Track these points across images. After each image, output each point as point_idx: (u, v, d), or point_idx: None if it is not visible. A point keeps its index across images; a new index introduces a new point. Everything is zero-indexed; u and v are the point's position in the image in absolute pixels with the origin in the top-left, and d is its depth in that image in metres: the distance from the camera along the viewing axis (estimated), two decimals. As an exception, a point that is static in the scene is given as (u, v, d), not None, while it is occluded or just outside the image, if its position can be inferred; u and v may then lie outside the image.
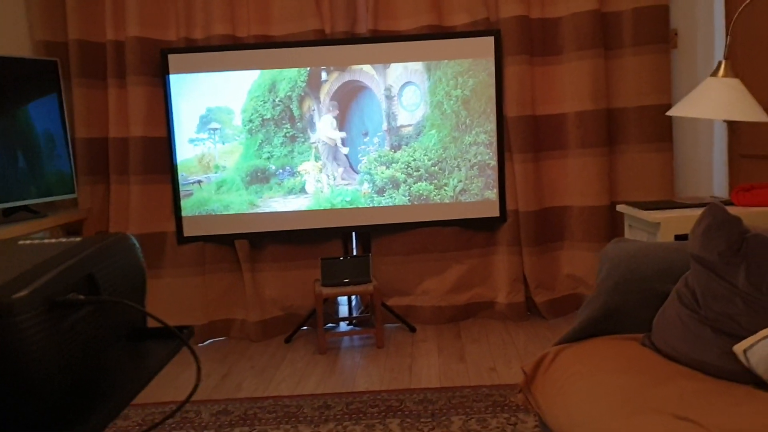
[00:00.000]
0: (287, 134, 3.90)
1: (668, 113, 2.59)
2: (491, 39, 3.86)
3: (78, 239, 0.88)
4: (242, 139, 3.89)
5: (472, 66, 3.87)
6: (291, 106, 3.88)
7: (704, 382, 1.75)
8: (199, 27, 3.91)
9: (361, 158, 3.92)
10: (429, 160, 3.93)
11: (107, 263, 0.83)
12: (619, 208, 3.19)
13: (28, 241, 0.89)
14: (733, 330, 1.80)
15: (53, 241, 0.88)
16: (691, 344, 1.87)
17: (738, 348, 1.75)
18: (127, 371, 0.85)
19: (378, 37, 3.87)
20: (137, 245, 0.93)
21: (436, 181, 3.94)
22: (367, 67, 3.87)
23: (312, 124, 3.89)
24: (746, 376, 1.73)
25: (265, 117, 3.88)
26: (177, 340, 0.98)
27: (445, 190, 3.95)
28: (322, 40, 3.87)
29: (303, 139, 3.90)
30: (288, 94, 3.88)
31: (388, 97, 3.89)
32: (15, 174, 3.41)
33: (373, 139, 3.91)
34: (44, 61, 3.64)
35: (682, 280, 2.02)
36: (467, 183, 3.95)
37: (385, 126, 3.91)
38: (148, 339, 0.97)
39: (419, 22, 3.90)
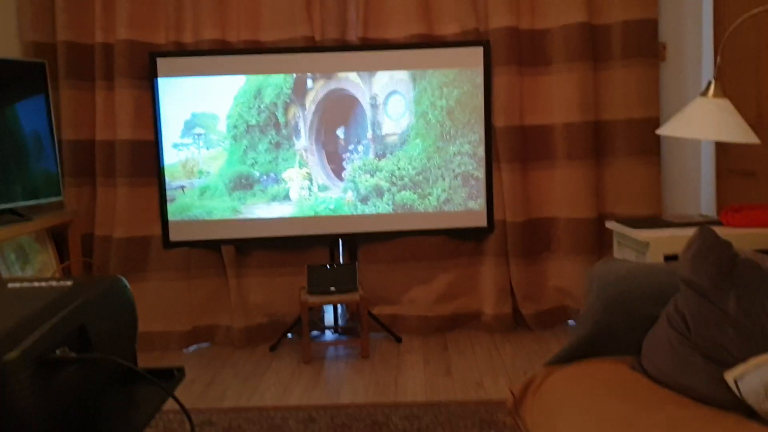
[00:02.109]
0: (272, 141, 3.87)
1: (657, 132, 2.59)
2: (480, 49, 3.85)
3: (69, 283, 0.85)
4: (227, 145, 3.86)
5: (458, 76, 3.86)
6: (276, 113, 3.85)
7: (693, 410, 1.75)
8: (189, 31, 3.87)
9: (345, 166, 3.90)
10: (413, 169, 3.92)
11: (99, 312, 0.80)
12: (609, 225, 3.19)
13: (18, 284, 0.86)
14: (723, 357, 1.80)
15: (44, 285, 0.85)
16: (680, 369, 1.87)
17: (729, 376, 1.74)
18: (119, 420, 0.82)
19: (367, 45, 3.85)
20: (128, 287, 0.91)
21: (420, 190, 3.93)
22: (353, 75, 3.84)
23: (297, 132, 3.87)
24: (736, 404, 1.73)
25: (250, 123, 3.85)
26: (168, 381, 0.95)
27: (428, 199, 3.93)
28: (311, 47, 3.84)
29: (288, 146, 3.87)
30: (273, 101, 3.85)
31: (374, 106, 3.87)
32: (0, 175, 3.36)
33: (357, 147, 3.89)
34: (32, 63, 3.59)
35: (671, 304, 2.01)
36: (451, 193, 3.94)
37: (369, 134, 3.89)
38: (138, 381, 0.95)
39: (409, 30, 3.88)
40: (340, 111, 3.87)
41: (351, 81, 3.85)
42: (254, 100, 3.84)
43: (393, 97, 3.87)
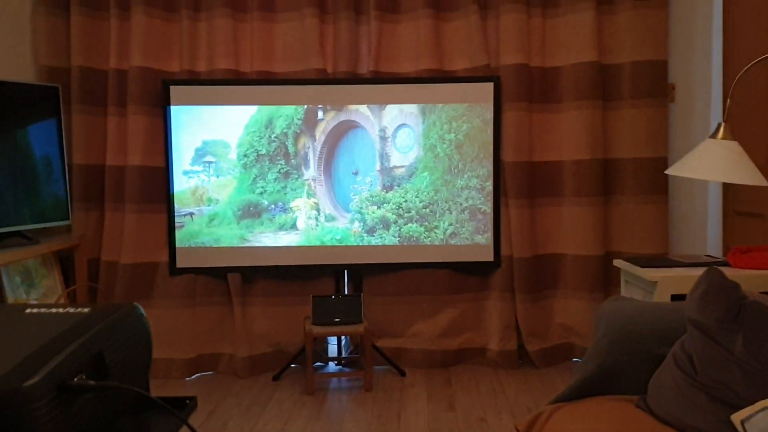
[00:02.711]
0: (281, 170, 3.90)
1: (667, 172, 2.61)
2: (491, 85, 3.89)
3: (86, 310, 0.87)
4: (236, 173, 3.89)
5: (467, 111, 3.90)
6: (286, 143, 3.89)
7: (700, 452, 1.74)
8: (203, 60, 3.93)
9: (352, 197, 3.92)
10: (420, 202, 3.94)
11: (116, 339, 0.81)
12: (616, 263, 3.19)
13: (35, 310, 0.87)
14: (730, 398, 1.80)
15: (61, 311, 0.86)
16: (686, 410, 1.86)
17: (735, 418, 1.74)
18: (130, 449, 0.83)
19: (378, 78, 3.89)
20: (144, 315, 0.92)
21: (426, 223, 3.95)
22: (363, 108, 3.89)
23: (306, 162, 3.90)
24: (742, 448, 1.72)
25: (260, 152, 3.89)
26: (180, 410, 0.96)
27: (435, 232, 3.95)
28: (323, 78, 3.89)
29: (296, 176, 3.90)
30: (284, 130, 3.89)
31: (382, 138, 3.90)
32: (10, 199, 3.39)
33: (365, 179, 3.92)
34: (46, 87, 3.64)
35: (678, 344, 2.01)
36: (458, 227, 3.95)
37: (378, 166, 3.91)
38: (151, 408, 0.96)
39: (420, 65, 3.93)
40: (349, 143, 3.90)
41: (361, 113, 3.89)
42: (265, 130, 3.88)
43: (402, 130, 3.91)
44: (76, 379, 0.72)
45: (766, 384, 1.78)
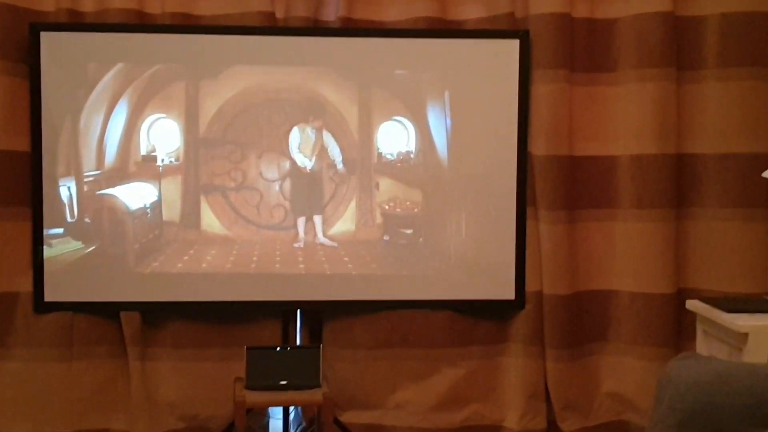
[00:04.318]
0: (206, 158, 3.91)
1: (764, 174, 2.62)
2: (515, 43, 3.91)
3: None
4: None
5: (481, 82, 3.92)
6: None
7: None
8: (90, -3, 3.92)
9: (311, 201, 3.93)
10: (410, 210, 3.94)
11: None
12: (690, 305, 3.20)
13: None
14: None
15: None
16: None
17: None
18: None
19: (351, 29, 3.90)
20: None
21: (419, 240, 3.95)
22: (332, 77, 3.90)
23: (244, 148, 3.91)
24: None
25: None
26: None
27: (436, 254, 3.96)
28: (269, 27, 3.89)
29: (229, 168, 3.91)
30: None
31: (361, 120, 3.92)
32: None
33: (331, 175, 3.92)
34: None
35: (777, 425, 2.02)
36: (469, 247, 3.96)
37: (351, 157, 3.94)
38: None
39: (412, 12, 3.95)
40: (306, 118, 3.91)
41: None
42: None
43: (389, 123, 3.93)
44: None
45: None
